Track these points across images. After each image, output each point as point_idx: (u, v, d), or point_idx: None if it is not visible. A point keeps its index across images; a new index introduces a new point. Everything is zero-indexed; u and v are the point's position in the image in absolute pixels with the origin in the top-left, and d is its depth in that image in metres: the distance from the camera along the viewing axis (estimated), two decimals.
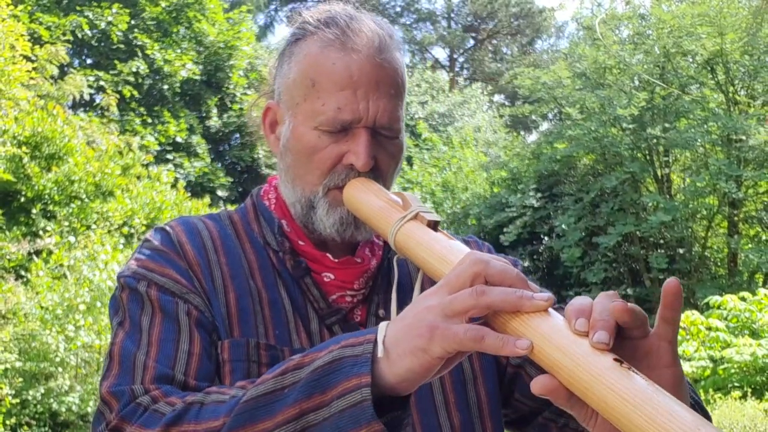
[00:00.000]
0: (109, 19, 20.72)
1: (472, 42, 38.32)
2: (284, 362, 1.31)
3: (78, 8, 21.01)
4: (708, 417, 1.44)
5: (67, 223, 13.15)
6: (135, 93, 20.54)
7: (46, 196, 13.28)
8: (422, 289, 1.42)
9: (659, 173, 18.01)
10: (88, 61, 21.80)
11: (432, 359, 1.18)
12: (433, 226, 1.45)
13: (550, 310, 1.18)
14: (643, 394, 1.04)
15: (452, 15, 38.54)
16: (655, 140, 17.33)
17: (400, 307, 1.50)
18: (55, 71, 15.43)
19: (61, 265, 11.70)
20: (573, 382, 1.10)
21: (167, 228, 1.65)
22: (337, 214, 1.60)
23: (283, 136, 1.64)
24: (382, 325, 1.24)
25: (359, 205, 1.56)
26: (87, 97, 17.77)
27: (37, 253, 12.25)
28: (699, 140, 17.00)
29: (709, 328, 10.42)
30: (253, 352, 1.53)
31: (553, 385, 1.13)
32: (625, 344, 1.18)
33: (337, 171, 1.59)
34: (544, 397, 1.14)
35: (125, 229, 13.54)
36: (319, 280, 1.63)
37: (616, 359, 1.08)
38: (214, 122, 22.29)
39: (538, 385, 1.13)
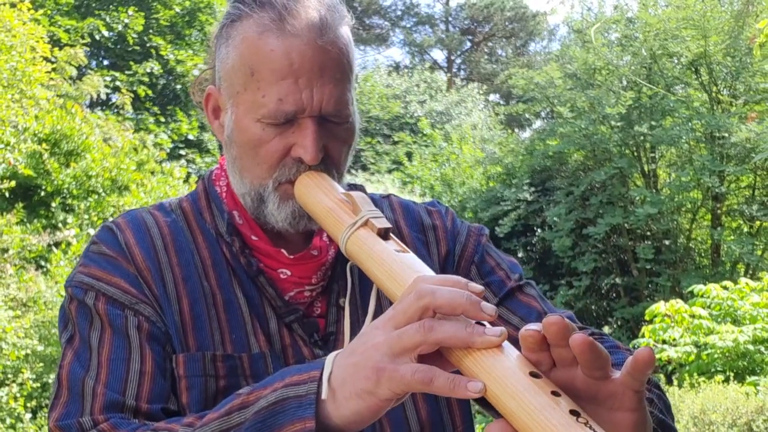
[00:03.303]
0: (126, 21, 20.68)
1: (468, 44, 38.24)
2: (229, 399, 1.21)
3: (96, 12, 20.97)
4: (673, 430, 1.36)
5: (86, 216, 13.14)
6: (149, 93, 20.51)
7: (65, 191, 13.26)
8: (378, 301, 1.36)
9: (646, 168, 17.97)
10: (105, 62, 21.78)
11: (380, 401, 1.09)
12: (384, 234, 1.33)
13: (505, 344, 1.06)
14: None
15: (450, 19, 38.47)
16: (642, 137, 17.28)
17: (357, 309, 1.45)
18: (74, 72, 15.39)
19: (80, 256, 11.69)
20: None
21: (114, 227, 1.50)
22: (288, 208, 1.47)
23: (227, 126, 1.49)
24: (329, 358, 1.14)
25: (310, 203, 1.44)
26: (104, 97, 17.72)
27: (57, 244, 12.24)
28: (684, 137, 16.95)
29: (693, 316, 10.39)
30: (209, 366, 1.41)
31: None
32: (588, 384, 1.06)
33: (286, 164, 1.45)
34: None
35: None
36: (274, 277, 1.50)
37: (572, 411, 0.98)
38: None
39: None
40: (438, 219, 1.67)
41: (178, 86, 21.40)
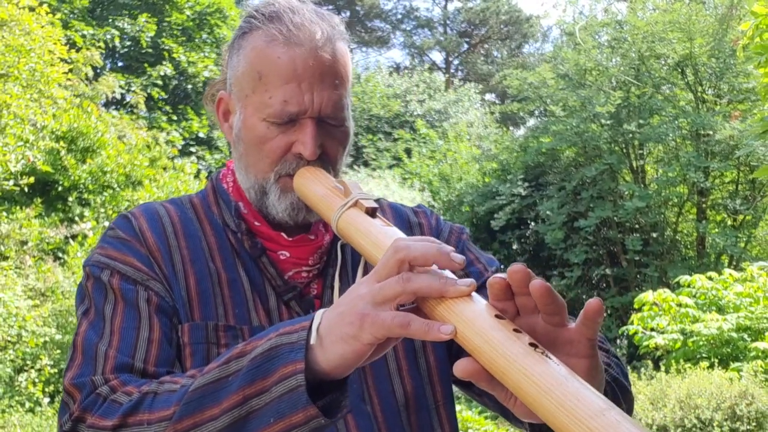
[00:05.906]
0: (140, 28, 20.63)
1: (466, 46, 38.21)
2: (228, 351, 1.26)
3: (110, 18, 20.91)
4: (629, 393, 1.42)
5: (101, 210, 13.13)
6: (162, 93, 20.48)
7: (81, 186, 13.23)
8: (365, 273, 1.42)
9: (634, 164, 17.95)
10: (119, 64, 21.73)
11: (362, 345, 1.14)
12: (371, 212, 1.41)
13: (474, 294, 1.14)
14: (553, 379, 1.00)
15: (448, 22, 38.44)
16: (630, 135, 17.26)
17: (348, 286, 1.49)
18: (90, 73, 15.36)
19: None
20: (491, 366, 1.06)
21: (129, 216, 1.60)
22: (288, 200, 1.56)
23: (235, 126, 1.59)
24: (319, 312, 1.21)
25: (306, 193, 1.52)
26: (118, 97, 17.69)
27: (74, 236, 12.23)
28: (670, 135, 16.93)
29: (680, 305, 10.38)
30: (211, 334, 1.49)
31: (473, 368, 1.09)
32: (547, 330, 1.14)
33: (287, 159, 1.54)
34: (466, 380, 1.10)
35: None
36: (275, 259, 1.58)
37: (532, 344, 1.05)
38: None
39: (459, 368, 1.10)
40: (423, 218, 1.76)
41: (189, 86, 21.37)
